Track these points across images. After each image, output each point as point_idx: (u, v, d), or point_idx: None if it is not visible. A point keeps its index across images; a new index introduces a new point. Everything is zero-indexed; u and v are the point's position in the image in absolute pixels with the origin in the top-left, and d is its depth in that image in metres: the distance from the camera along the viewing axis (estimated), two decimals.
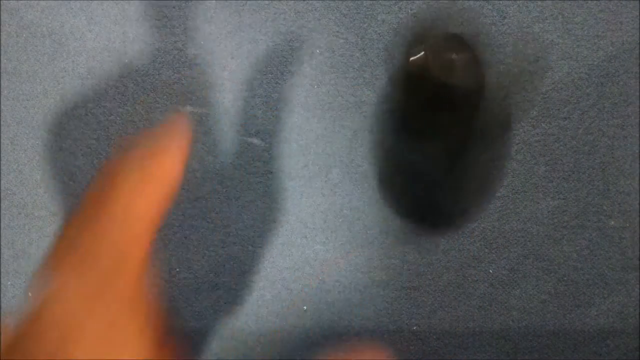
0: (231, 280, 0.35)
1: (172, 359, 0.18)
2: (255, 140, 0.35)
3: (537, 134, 0.35)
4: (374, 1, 0.34)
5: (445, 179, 0.33)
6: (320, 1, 0.34)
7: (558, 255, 0.35)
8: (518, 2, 0.35)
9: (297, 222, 0.35)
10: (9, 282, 0.35)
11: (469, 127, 0.33)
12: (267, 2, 0.35)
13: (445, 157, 0.33)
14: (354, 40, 0.35)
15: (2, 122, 0.35)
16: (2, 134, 0.35)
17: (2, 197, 0.35)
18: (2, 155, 0.35)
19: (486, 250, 0.35)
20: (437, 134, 0.34)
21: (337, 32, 0.35)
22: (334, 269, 0.35)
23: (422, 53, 0.32)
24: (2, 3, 0.35)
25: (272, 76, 0.35)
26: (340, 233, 0.35)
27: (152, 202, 0.18)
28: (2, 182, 0.35)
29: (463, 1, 0.35)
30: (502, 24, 0.35)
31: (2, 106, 0.35)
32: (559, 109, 0.35)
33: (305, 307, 0.35)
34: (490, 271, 0.35)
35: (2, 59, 0.35)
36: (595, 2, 0.35)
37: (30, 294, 0.36)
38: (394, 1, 0.34)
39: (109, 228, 0.17)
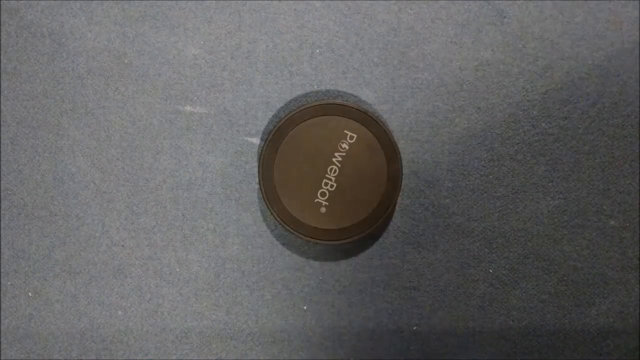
0: (231, 280, 0.35)
1: None
2: (255, 140, 0.35)
3: (537, 133, 0.35)
4: (374, 1, 0.34)
5: None
6: (320, 1, 0.34)
7: (558, 255, 0.35)
8: (518, 2, 0.35)
9: None
10: (9, 282, 0.35)
11: None
12: (267, 2, 0.35)
13: None
14: (354, 40, 0.35)
15: (2, 122, 0.35)
16: (2, 134, 0.35)
17: (2, 197, 0.35)
18: (2, 155, 0.35)
19: (486, 250, 0.35)
20: None
21: (337, 32, 0.35)
22: (334, 268, 0.35)
23: None
24: (2, 3, 0.35)
25: (272, 76, 0.35)
26: None
27: None
28: (2, 182, 0.35)
29: (463, 1, 0.35)
30: (502, 24, 0.35)
31: (2, 106, 0.35)
32: (559, 109, 0.35)
33: (305, 307, 0.35)
34: (490, 271, 0.35)
35: (2, 59, 0.35)
36: (595, 2, 0.35)
37: (30, 294, 0.37)
38: (394, 1, 0.34)
39: None
